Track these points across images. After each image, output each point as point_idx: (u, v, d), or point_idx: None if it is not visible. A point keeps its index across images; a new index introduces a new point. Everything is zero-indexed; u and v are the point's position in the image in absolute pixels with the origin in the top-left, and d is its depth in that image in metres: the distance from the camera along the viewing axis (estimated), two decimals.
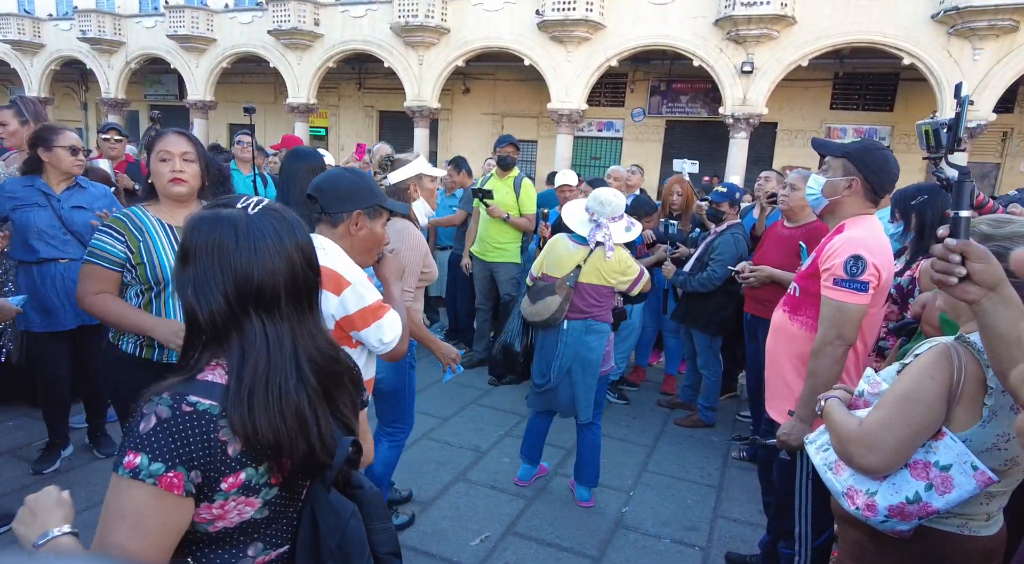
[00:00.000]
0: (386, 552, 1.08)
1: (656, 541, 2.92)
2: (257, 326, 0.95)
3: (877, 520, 1.37)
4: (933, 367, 1.33)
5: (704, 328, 4.09)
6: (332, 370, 1.03)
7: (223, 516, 0.94)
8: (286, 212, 1.03)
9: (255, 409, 0.92)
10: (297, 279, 0.99)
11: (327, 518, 0.99)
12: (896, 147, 15.35)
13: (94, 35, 20.42)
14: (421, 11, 15.99)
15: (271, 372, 0.94)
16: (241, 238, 0.95)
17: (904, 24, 12.67)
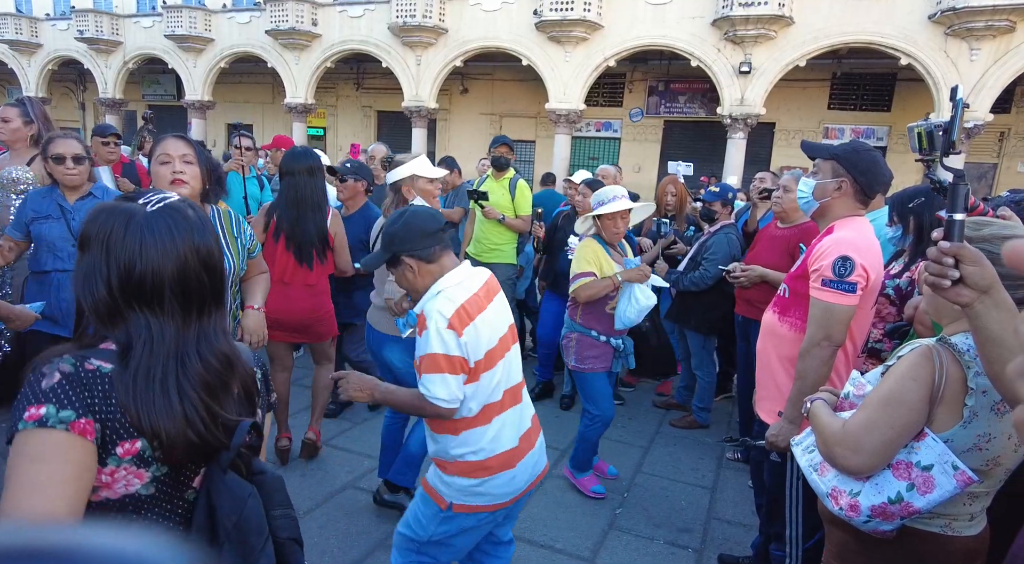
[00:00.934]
0: (287, 537, 1.07)
1: (649, 543, 2.92)
2: (140, 319, 0.96)
3: (860, 520, 1.38)
4: (915, 369, 1.34)
5: (697, 328, 4.09)
6: (221, 373, 1.02)
7: (110, 484, 0.92)
8: (191, 213, 1.02)
9: (136, 397, 0.92)
10: (187, 280, 0.99)
11: (223, 498, 0.98)
12: (893, 147, 15.38)
13: (91, 35, 20.40)
14: (419, 11, 15.99)
15: (152, 365, 0.95)
16: (130, 232, 0.95)
17: (901, 24, 12.69)
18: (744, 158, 14.51)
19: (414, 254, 1.76)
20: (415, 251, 1.76)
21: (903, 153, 15.20)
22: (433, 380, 1.68)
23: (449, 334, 1.67)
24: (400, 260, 1.77)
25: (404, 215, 1.82)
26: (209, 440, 0.97)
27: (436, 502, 1.84)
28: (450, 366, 1.68)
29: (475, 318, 1.73)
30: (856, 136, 15.81)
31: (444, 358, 1.67)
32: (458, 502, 1.81)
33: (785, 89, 14.80)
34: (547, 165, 16.14)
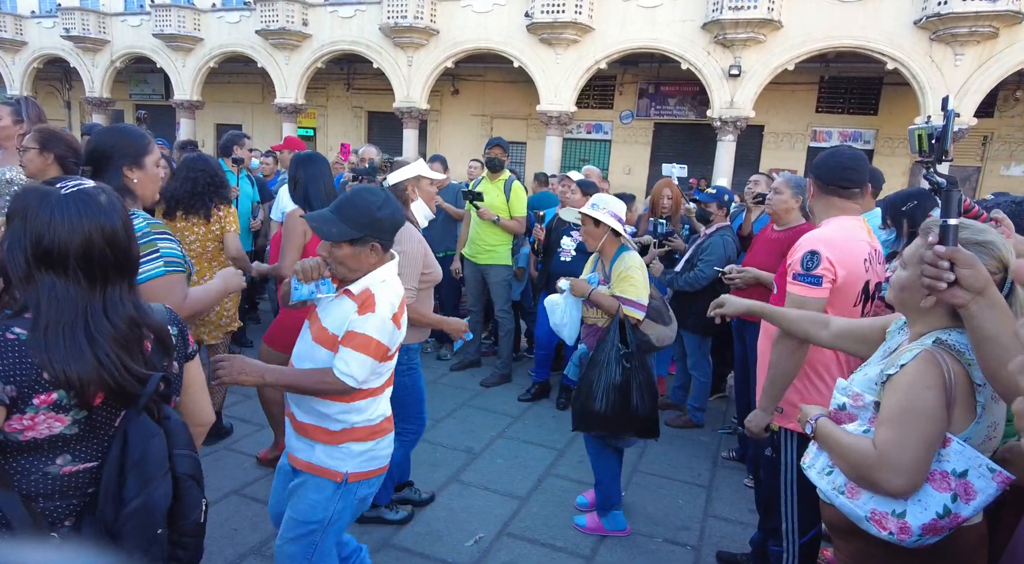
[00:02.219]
0: (184, 473, 1.24)
1: (648, 540, 2.96)
2: (47, 281, 1.13)
3: (911, 541, 1.33)
4: (926, 376, 1.32)
5: (694, 329, 4.13)
6: (129, 332, 1.19)
7: (32, 427, 1.11)
8: (101, 198, 1.19)
9: (47, 350, 1.10)
10: (91, 252, 1.15)
11: (135, 436, 1.17)
12: (880, 150, 15.58)
13: (78, 33, 20.17)
14: (410, 12, 15.98)
15: (60, 318, 1.12)
16: (43, 208, 1.13)
17: (887, 30, 12.87)
18: (734, 160, 14.64)
19: (383, 242, 1.83)
20: (385, 240, 1.83)
21: (889, 156, 15.41)
22: (357, 359, 1.74)
23: (391, 325, 1.80)
24: (368, 241, 1.80)
25: (391, 205, 1.85)
26: (124, 386, 1.16)
27: (330, 479, 1.85)
28: (378, 352, 1.77)
29: (403, 314, 1.89)
30: (844, 139, 16.00)
31: (377, 344, 1.76)
32: (353, 470, 1.86)
33: (774, 92, 14.96)
34: (538, 167, 16.17)
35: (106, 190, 1.22)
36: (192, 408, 1.42)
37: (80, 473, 1.18)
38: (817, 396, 2.12)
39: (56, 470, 1.16)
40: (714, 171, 14.69)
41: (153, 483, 1.17)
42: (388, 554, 2.63)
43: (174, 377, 1.33)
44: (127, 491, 1.15)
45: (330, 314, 1.83)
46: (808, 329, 1.87)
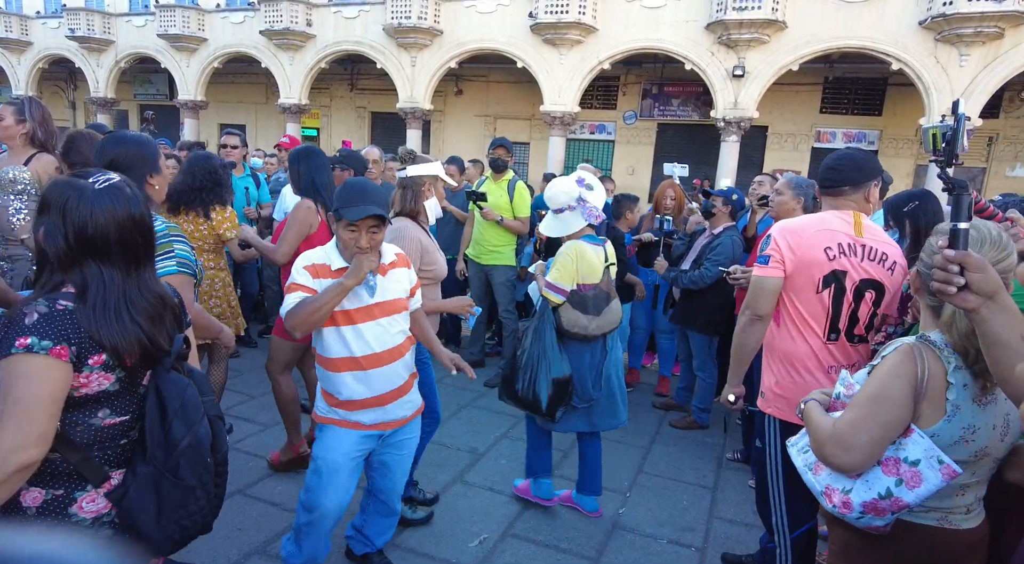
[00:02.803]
0: (214, 415, 1.48)
1: (653, 542, 2.95)
2: (94, 267, 1.30)
3: (853, 516, 1.42)
4: (899, 367, 1.40)
5: (702, 329, 4.13)
6: (157, 307, 1.39)
7: (87, 384, 1.29)
8: (128, 191, 1.36)
9: (96, 322, 1.27)
10: (126, 239, 1.33)
11: (169, 389, 1.36)
12: (884, 151, 15.53)
13: (83, 33, 20.22)
14: (414, 12, 15.99)
15: (107, 299, 1.30)
16: (83, 202, 1.28)
17: (892, 30, 12.83)
18: (737, 161, 14.61)
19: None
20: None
21: (894, 157, 15.36)
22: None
23: None
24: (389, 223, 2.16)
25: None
26: (153, 350, 1.35)
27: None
28: None
29: None
30: (848, 140, 15.96)
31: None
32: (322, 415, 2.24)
33: (778, 93, 14.92)
34: (542, 167, 16.18)
35: (129, 183, 1.39)
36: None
37: (116, 426, 1.36)
38: (792, 386, 2.16)
39: (99, 422, 1.33)
40: (718, 172, 14.66)
41: (196, 423, 1.38)
42: (392, 554, 2.62)
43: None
44: (175, 433, 1.34)
45: (388, 289, 2.16)
46: None
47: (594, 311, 2.84)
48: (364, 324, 2.09)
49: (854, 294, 2.11)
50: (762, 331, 2.23)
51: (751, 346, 2.25)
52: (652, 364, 5.50)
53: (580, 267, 2.81)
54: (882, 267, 2.13)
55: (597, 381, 2.89)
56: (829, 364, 2.14)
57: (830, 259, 2.11)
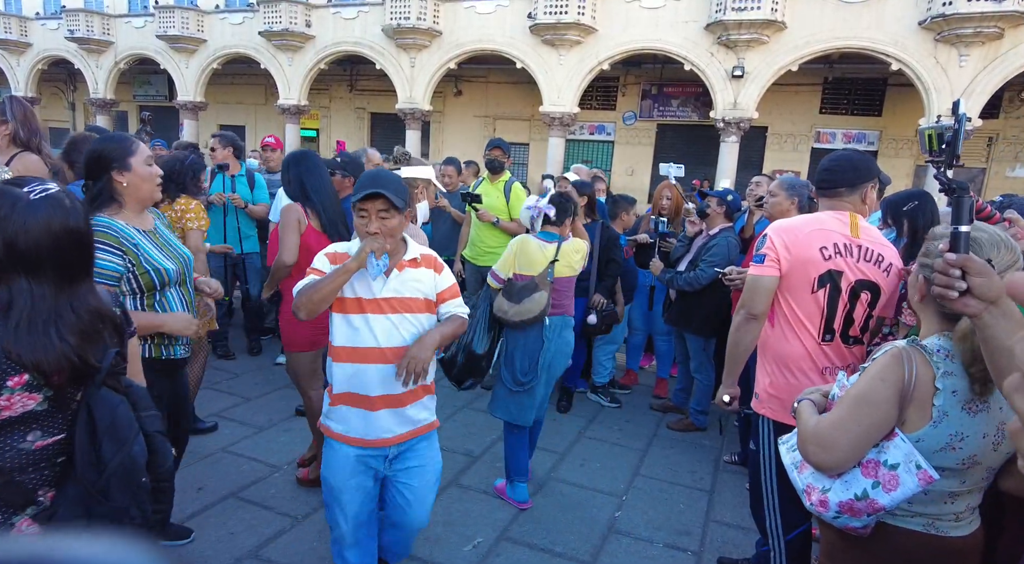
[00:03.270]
0: (154, 430, 1.40)
1: (649, 545, 2.93)
2: (24, 283, 1.20)
3: (829, 516, 1.43)
4: (885, 370, 1.38)
5: (698, 331, 4.11)
6: (92, 322, 1.29)
7: (9, 407, 1.19)
8: (68, 202, 1.26)
9: (17, 341, 1.18)
10: (62, 254, 1.23)
11: (100, 407, 1.28)
12: (884, 152, 15.52)
13: (82, 35, 20.24)
14: (413, 13, 15.99)
15: (32, 317, 1.20)
16: (16, 214, 1.19)
17: (892, 30, 12.82)
18: (737, 162, 14.60)
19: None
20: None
21: (893, 158, 15.35)
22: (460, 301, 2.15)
23: None
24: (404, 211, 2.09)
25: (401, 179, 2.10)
26: (83, 367, 1.26)
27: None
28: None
29: None
30: (847, 140, 15.95)
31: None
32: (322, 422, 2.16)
33: (778, 93, 14.91)
34: (541, 168, 16.19)
35: (69, 193, 1.29)
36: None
37: (50, 446, 1.29)
38: (786, 387, 2.15)
39: (28, 446, 1.25)
40: (717, 172, 14.65)
41: (129, 442, 1.31)
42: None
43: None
44: (104, 453, 1.27)
45: (407, 285, 2.07)
46: None
47: (516, 299, 3.02)
48: (374, 315, 2.05)
49: (849, 295, 2.10)
50: (757, 330, 2.22)
51: (746, 345, 2.25)
52: (650, 366, 5.48)
53: (519, 259, 3.09)
54: (878, 268, 2.11)
55: (530, 369, 3.08)
56: (824, 365, 2.12)
57: (825, 259, 2.09)
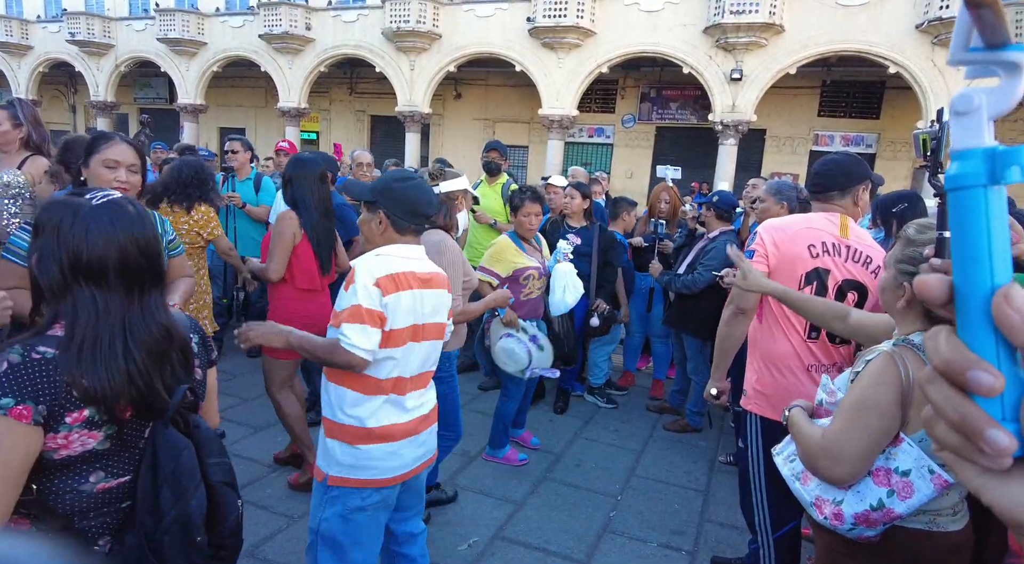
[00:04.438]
0: (219, 481, 1.26)
1: (643, 545, 2.94)
2: (87, 294, 1.13)
3: (844, 528, 1.40)
4: (882, 374, 1.37)
5: (696, 333, 4.13)
6: (161, 340, 1.20)
7: (67, 445, 1.10)
8: (131, 208, 1.20)
9: (82, 363, 1.09)
10: (127, 263, 1.16)
11: (164, 450, 1.18)
12: (882, 154, 15.55)
13: (83, 38, 20.30)
14: (413, 16, 16.04)
15: (99, 332, 1.12)
16: (77, 222, 1.13)
17: (889, 34, 12.86)
18: (735, 164, 14.63)
19: (392, 215, 1.87)
20: (394, 214, 1.87)
21: (892, 160, 15.38)
22: (354, 329, 1.73)
23: (375, 290, 1.76)
24: (378, 210, 1.88)
25: (412, 183, 1.90)
26: (150, 397, 1.15)
27: (317, 477, 1.85)
28: (371, 319, 1.75)
29: (402, 290, 1.81)
30: (845, 143, 15.99)
31: (367, 311, 1.74)
32: (334, 474, 1.81)
33: (776, 96, 14.95)
34: (540, 170, 16.20)
35: (133, 201, 1.22)
36: (206, 413, 1.42)
37: (113, 489, 1.18)
38: (774, 384, 2.18)
39: (90, 488, 1.15)
40: (716, 175, 14.68)
41: (188, 495, 1.18)
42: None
43: (199, 384, 1.33)
44: (163, 503, 1.16)
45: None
46: (828, 320, 1.93)
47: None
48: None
49: (836, 294, 2.12)
50: (746, 325, 2.27)
51: (735, 339, 2.29)
52: (646, 368, 5.50)
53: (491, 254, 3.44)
54: (866, 270, 2.14)
55: None
56: (809, 363, 2.15)
57: (813, 256, 2.12)
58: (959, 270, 0.39)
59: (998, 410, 0.38)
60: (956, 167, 0.39)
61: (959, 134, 0.40)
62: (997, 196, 0.38)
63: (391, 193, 1.87)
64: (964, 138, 0.39)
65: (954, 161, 0.39)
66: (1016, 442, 0.37)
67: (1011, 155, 0.37)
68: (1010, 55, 0.40)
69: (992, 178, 0.37)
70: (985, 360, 0.37)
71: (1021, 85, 0.40)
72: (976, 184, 0.38)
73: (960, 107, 0.40)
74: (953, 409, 0.38)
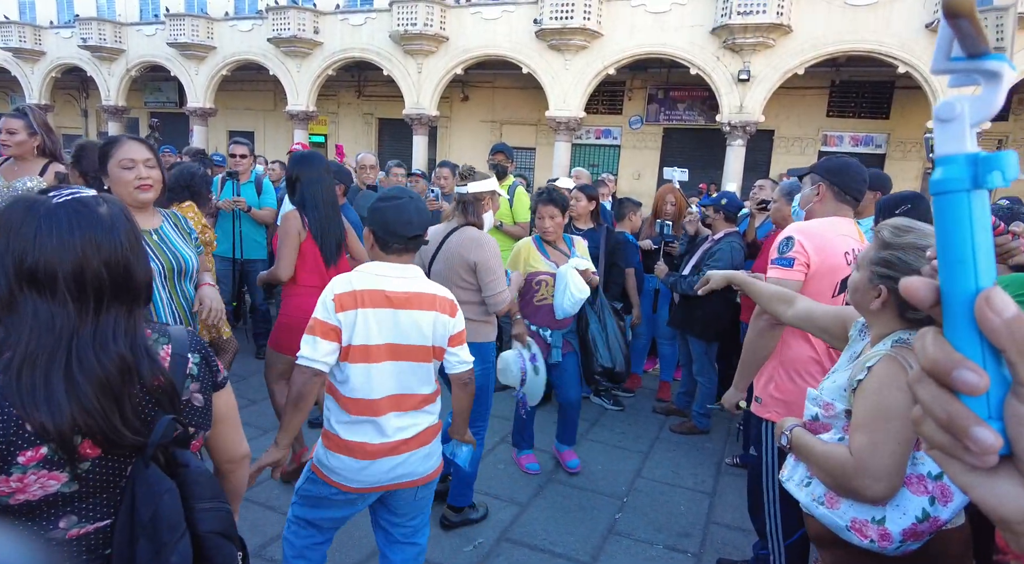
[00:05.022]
0: (209, 531, 1.04)
1: (649, 547, 2.94)
2: (30, 304, 0.94)
3: (892, 548, 1.31)
4: (893, 378, 1.31)
5: (701, 334, 4.12)
6: (113, 379, 0.98)
7: (23, 489, 0.92)
8: (101, 209, 1.01)
9: (21, 390, 0.91)
10: (84, 272, 0.97)
11: (142, 492, 0.99)
12: (892, 155, 15.44)
13: (95, 43, 20.52)
14: (420, 19, 16.10)
15: (37, 351, 0.93)
16: (28, 221, 0.95)
17: (899, 33, 12.77)
18: (743, 165, 14.58)
19: (376, 233, 1.93)
20: (377, 232, 1.92)
21: (901, 160, 15.27)
22: (306, 340, 1.82)
23: (331, 304, 1.81)
24: (367, 226, 1.96)
25: (396, 202, 1.91)
26: (112, 435, 0.96)
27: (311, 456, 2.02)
28: (322, 330, 1.80)
29: (363, 308, 1.81)
30: (855, 143, 15.88)
31: (319, 323, 1.81)
32: (314, 462, 1.97)
33: (784, 97, 14.89)
34: (548, 172, 16.22)
35: (109, 200, 1.04)
36: (222, 444, 1.24)
37: (91, 534, 1.01)
38: (793, 391, 2.15)
39: (60, 535, 0.98)
40: (724, 176, 14.62)
41: (167, 549, 0.98)
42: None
43: (198, 412, 1.13)
44: (139, 558, 0.98)
45: None
46: (775, 305, 1.92)
47: None
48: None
49: None
50: (779, 336, 2.15)
51: (766, 352, 2.18)
52: (653, 369, 5.49)
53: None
54: None
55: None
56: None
57: (848, 263, 2.12)
58: (945, 272, 0.40)
59: (984, 409, 0.38)
60: (940, 172, 0.40)
61: (943, 140, 0.41)
62: (980, 200, 0.39)
63: (374, 212, 1.91)
64: (948, 144, 0.40)
65: (938, 166, 0.40)
66: (1001, 439, 0.38)
67: (993, 160, 0.38)
68: (989, 64, 0.42)
69: (975, 182, 0.39)
70: (971, 360, 0.38)
71: (1001, 93, 0.42)
72: (960, 189, 0.39)
73: (943, 114, 0.41)
74: (940, 408, 0.39)
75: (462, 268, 2.79)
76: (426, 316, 1.89)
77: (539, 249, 3.39)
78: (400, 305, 1.86)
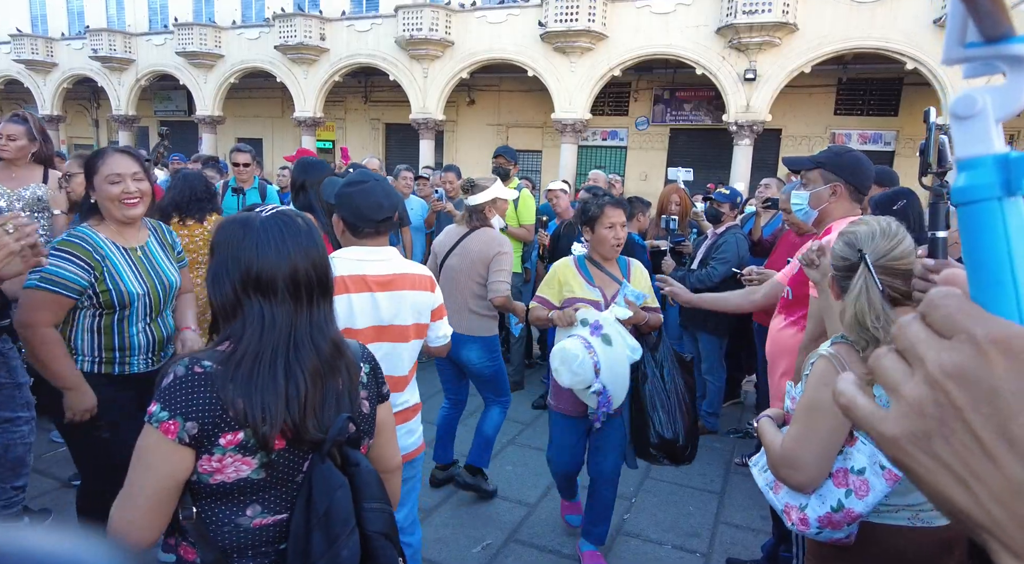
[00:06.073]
0: (375, 531, 1.12)
1: (657, 547, 2.93)
2: (255, 307, 1.10)
3: (812, 532, 1.40)
4: (824, 375, 1.38)
5: (714, 330, 4.11)
6: (330, 358, 1.15)
7: (221, 470, 1.05)
8: (299, 220, 1.18)
9: (236, 381, 1.04)
10: (297, 274, 1.13)
11: (319, 487, 1.09)
12: (901, 152, 15.33)
13: (105, 53, 20.79)
14: (425, 24, 16.18)
15: (262, 347, 1.08)
16: (248, 236, 1.11)
17: (906, 29, 12.69)
18: (751, 165, 14.52)
19: (345, 219, 1.92)
20: (346, 218, 1.92)
21: (910, 157, 15.14)
22: None
23: None
24: (335, 213, 1.96)
25: (362, 187, 1.89)
26: (303, 424, 1.07)
27: None
28: None
29: (351, 293, 1.85)
30: (863, 141, 15.78)
31: None
32: None
33: (791, 95, 14.82)
34: (554, 175, 16.23)
35: (301, 214, 1.21)
36: (380, 452, 1.33)
37: (271, 526, 1.11)
38: None
39: (247, 522, 1.09)
40: (731, 176, 14.57)
41: (339, 542, 1.06)
42: None
43: (365, 419, 1.23)
44: (313, 549, 1.06)
45: None
46: (740, 302, 2.00)
47: None
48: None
49: None
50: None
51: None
52: None
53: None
54: None
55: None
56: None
57: None
58: (979, 294, 0.33)
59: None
60: (964, 179, 0.34)
61: (964, 141, 0.34)
62: (1015, 208, 0.33)
63: (341, 197, 1.91)
64: (971, 145, 0.34)
65: (960, 172, 0.34)
66: None
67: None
68: (1015, 48, 0.35)
69: (1008, 188, 0.33)
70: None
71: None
72: (990, 196, 0.33)
73: (962, 110, 0.34)
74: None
75: (480, 264, 3.03)
76: (408, 295, 1.93)
77: (581, 271, 2.61)
78: (383, 287, 1.90)
